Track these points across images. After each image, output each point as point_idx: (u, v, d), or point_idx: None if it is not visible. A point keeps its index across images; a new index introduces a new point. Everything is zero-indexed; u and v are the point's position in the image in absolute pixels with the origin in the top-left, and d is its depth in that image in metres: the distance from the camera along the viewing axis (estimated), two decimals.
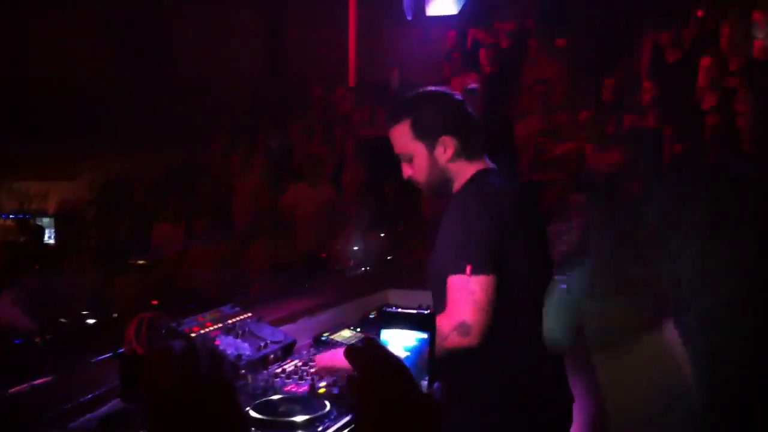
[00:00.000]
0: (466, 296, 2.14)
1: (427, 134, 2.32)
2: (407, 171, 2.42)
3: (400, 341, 1.11)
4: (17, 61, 13.89)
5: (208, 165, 9.08)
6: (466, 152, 2.34)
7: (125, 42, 13.03)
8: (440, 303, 2.24)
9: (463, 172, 2.36)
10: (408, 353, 1.11)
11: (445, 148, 2.32)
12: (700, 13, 7.79)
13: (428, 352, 1.10)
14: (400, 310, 1.15)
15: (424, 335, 1.11)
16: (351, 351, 1.05)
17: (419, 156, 2.35)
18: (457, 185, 2.38)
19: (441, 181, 2.38)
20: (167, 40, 13.40)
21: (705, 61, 6.67)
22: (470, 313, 2.13)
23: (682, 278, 2.13)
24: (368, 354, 1.05)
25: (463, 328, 2.17)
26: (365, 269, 4.75)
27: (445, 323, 2.18)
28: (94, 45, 13.02)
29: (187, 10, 13.16)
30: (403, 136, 2.36)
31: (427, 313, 1.13)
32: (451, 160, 2.33)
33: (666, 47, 7.57)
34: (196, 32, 12.95)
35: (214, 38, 12.77)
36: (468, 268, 2.17)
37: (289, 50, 13.08)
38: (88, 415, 2.12)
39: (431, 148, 2.33)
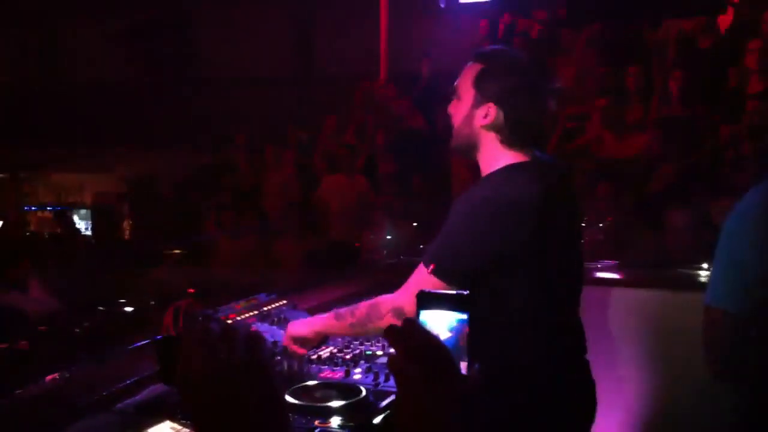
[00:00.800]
0: (416, 288, 2.08)
1: (482, 89, 2.22)
2: (450, 107, 2.33)
3: (439, 322, 1.10)
4: (51, 64, 14.19)
5: (239, 160, 9.14)
6: (504, 134, 2.22)
7: (154, 44, 13.20)
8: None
9: (495, 154, 2.25)
10: (449, 334, 1.10)
11: (486, 114, 2.21)
12: (736, 0, 7.69)
13: (468, 333, 1.10)
14: (438, 291, 1.14)
15: (464, 316, 1.10)
16: (391, 331, 1.05)
17: (464, 102, 2.26)
18: (484, 165, 2.28)
19: (466, 140, 2.29)
20: (195, 41, 13.52)
21: (754, 44, 6.57)
22: (411, 305, 2.13)
23: None
24: (408, 334, 1.05)
25: (397, 313, 2.23)
26: (397, 259, 4.74)
27: (387, 302, 2.28)
28: (124, 47, 13.21)
29: (214, 11, 13.27)
30: (467, 74, 2.27)
31: (465, 294, 1.12)
32: (486, 128, 2.23)
33: (697, 34, 7.48)
34: (224, 31, 13.07)
35: (241, 36, 12.87)
36: (431, 267, 2.16)
37: (318, 44, 13.13)
38: (127, 401, 2.15)
39: (477, 104, 2.23)
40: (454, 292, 1.12)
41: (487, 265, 2.14)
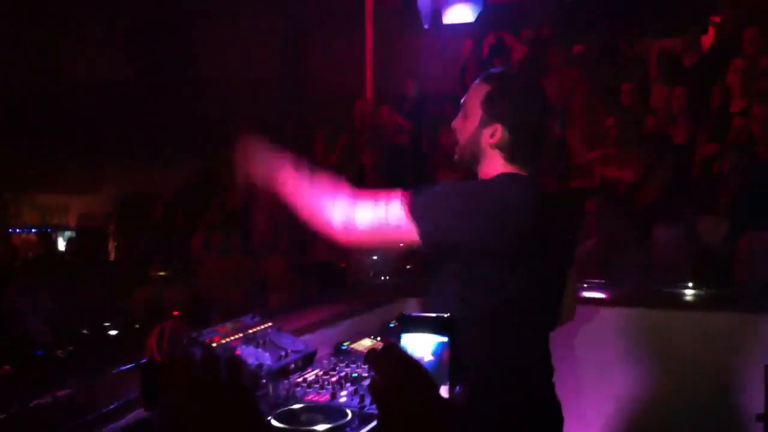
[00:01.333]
0: (381, 213, 2.18)
1: (489, 110, 2.28)
2: (456, 122, 2.39)
3: (420, 345, 1.11)
4: (37, 72, 14.11)
5: (226, 177, 9.12)
6: (509, 153, 2.28)
7: (146, 52, 13.18)
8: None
9: (497, 169, 2.30)
10: (430, 357, 1.11)
11: (493, 134, 2.27)
12: (717, 19, 7.77)
13: (449, 356, 1.10)
14: (419, 314, 1.15)
15: (444, 339, 1.11)
16: (372, 355, 1.05)
17: (471, 121, 2.32)
18: (481, 175, 2.34)
19: (470, 156, 2.35)
20: (187, 51, 13.52)
21: (738, 63, 6.63)
22: (366, 225, 2.18)
23: None
24: (389, 358, 1.05)
25: (349, 226, 2.20)
26: (384, 279, 4.73)
27: (343, 204, 2.22)
28: (115, 54, 13.18)
29: (207, 22, 13.29)
30: (474, 93, 2.32)
31: (446, 317, 1.12)
32: (492, 147, 2.28)
33: (681, 52, 7.55)
34: (216, 45, 13.08)
35: (233, 52, 12.88)
36: (407, 204, 2.17)
37: (308, 63, 13.17)
38: (110, 425, 2.12)
39: (484, 124, 2.28)
40: (433, 315, 1.12)
41: (459, 249, 2.16)
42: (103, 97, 12.81)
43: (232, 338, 2.75)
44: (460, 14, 8.84)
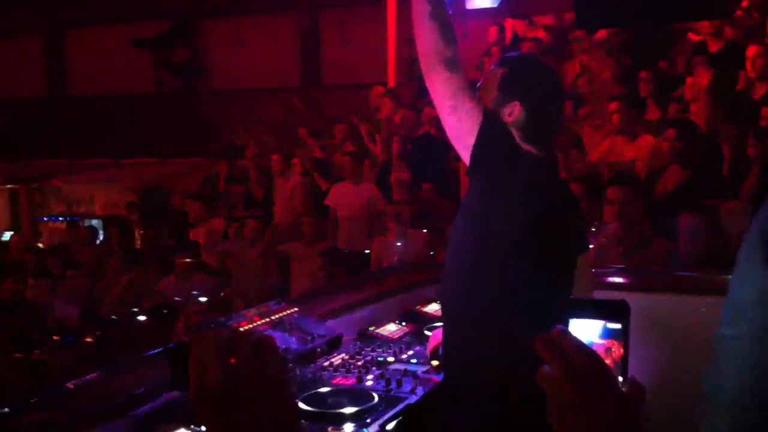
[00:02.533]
0: (465, 95, 2.21)
1: (508, 89, 2.31)
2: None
3: (589, 333, 1.00)
4: (60, 75, 14.33)
5: (247, 168, 9.17)
6: (525, 131, 2.30)
7: (162, 55, 13.31)
8: None
9: None
10: (600, 345, 0.99)
11: (511, 112, 2.29)
12: (744, 3, 7.68)
13: (622, 345, 0.99)
14: (589, 298, 1.05)
15: (617, 326, 1.00)
16: (547, 345, 0.96)
17: (486, 100, 2.34)
18: None
19: None
20: (202, 53, 13.62)
21: (751, 50, 6.56)
22: (447, 82, 2.20)
23: None
24: (566, 349, 0.96)
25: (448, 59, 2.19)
26: (408, 265, 4.76)
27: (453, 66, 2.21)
28: (132, 58, 13.33)
29: (221, 23, 13.38)
30: (491, 76, 2.36)
31: (620, 302, 1.00)
32: (509, 125, 2.30)
33: (707, 37, 7.47)
34: (231, 44, 13.17)
35: (248, 50, 12.97)
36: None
37: (324, 55, 13.19)
38: (142, 407, 2.16)
39: (502, 103, 2.31)
40: (606, 299, 1.02)
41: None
42: (124, 100, 13.02)
43: (258, 323, 2.79)
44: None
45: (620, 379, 0.98)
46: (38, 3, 13.57)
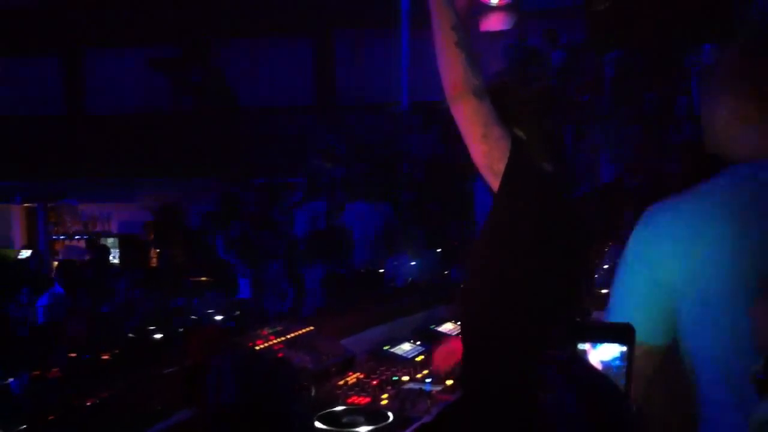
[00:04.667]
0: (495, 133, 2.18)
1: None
2: None
3: (595, 356, 1.01)
4: (78, 94, 14.50)
5: (266, 188, 9.23)
6: (537, 152, 2.31)
7: (179, 75, 13.45)
8: None
9: None
10: (607, 367, 1.00)
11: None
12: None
13: (626, 368, 1.00)
14: (594, 321, 1.08)
15: (623, 349, 1.00)
16: (559, 367, 0.97)
17: None
18: None
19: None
20: (219, 73, 13.74)
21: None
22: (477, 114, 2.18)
23: None
24: (577, 373, 0.97)
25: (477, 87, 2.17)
26: (423, 284, 4.77)
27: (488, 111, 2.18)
28: (149, 78, 13.48)
29: (237, 43, 13.51)
30: None
31: (625, 325, 1.02)
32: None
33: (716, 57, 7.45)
34: (247, 65, 13.29)
35: (264, 70, 13.09)
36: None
37: (338, 77, 13.29)
38: (157, 425, 2.18)
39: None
40: (611, 322, 1.06)
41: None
42: (143, 119, 13.15)
43: (274, 342, 2.81)
44: (496, 22, 8.83)
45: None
46: (57, 23, 13.74)
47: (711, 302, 1.29)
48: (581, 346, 1.01)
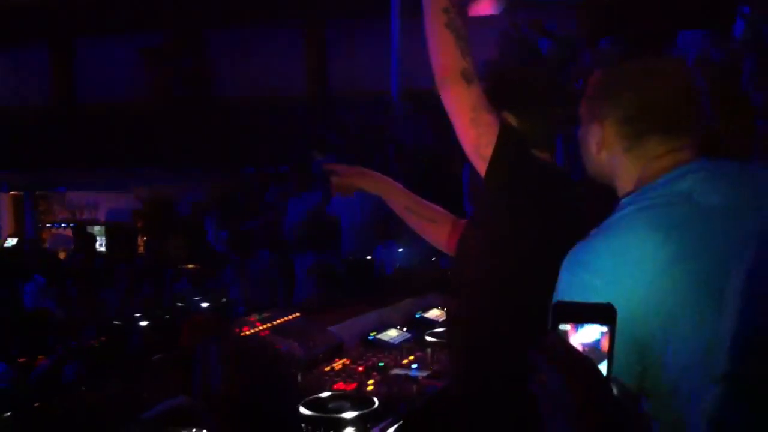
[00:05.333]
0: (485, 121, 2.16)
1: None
2: None
3: (577, 337, 1.00)
4: (69, 85, 14.42)
5: (257, 181, 9.22)
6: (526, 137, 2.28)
7: (169, 65, 13.37)
8: None
9: None
10: (589, 348, 1.00)
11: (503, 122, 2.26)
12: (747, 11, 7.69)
13: (608, 348, 1.00)
14: (576, 302, 1.05)
15: (604, 329, 1.00)
16: (540, 349, 0.96)
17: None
18: None
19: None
20: (211, 64, 13.68)
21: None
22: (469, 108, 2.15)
23: None
24: (558, 353, 0.96)
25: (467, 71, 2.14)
26: (410, 271, 4.78)
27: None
28: (140, 67, 13.41)
29: (228, 33, 13.44)
30: None
31: (606, 305, 1.01)
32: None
33: (710, 47, 7.47)
34: (238, 54, 13.24)
35: (255, 59, 13.03)
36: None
37: (331, 66, 13.25)
38: (147, 411, 2.18)
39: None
40: (594, 303, 1.03)
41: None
42: (133, 111, 13.08)
43: (262, 328, 2.81)
44: (485, 7, 8.82)
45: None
46: (46, 13, 13.64)
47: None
48: (563, 327, 1.01)
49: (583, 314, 1.02)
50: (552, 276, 2.17)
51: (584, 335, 1.01)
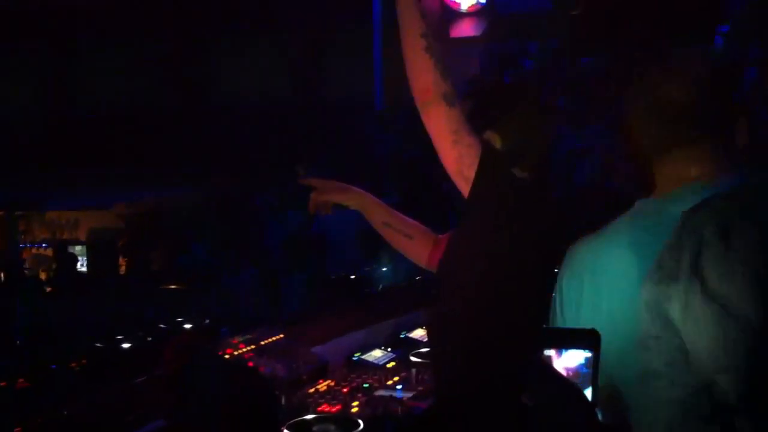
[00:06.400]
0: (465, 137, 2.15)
1: (476, 123, 2.26)
2: None
3: (561, 361, 1.00)
4: (51, 97, 14.27)
5: (246, 193, 9.19)
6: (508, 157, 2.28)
7: (162, 73, 13.28)
8: None
9: None
10: (572, 373, 1.00)
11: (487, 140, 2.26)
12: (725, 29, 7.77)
13: (591, 374, 0.99)
14: (559, 328, 1.08)
15: (588, 354, 1.00)
16: (526, 377, 0.95)
17: None
18: None
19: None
20: (204, 71, 13.61)
21: None
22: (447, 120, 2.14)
23: None
24: (544, 378, 0.96)
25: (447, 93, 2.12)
26: (395, 290, 4.76)
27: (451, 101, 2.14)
28: (134, 75, 13.30)
29: (221, 42, 13.40)
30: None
31: (590, 330, 1.01)
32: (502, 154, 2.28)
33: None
34: (232, 65, 13.19)
35: (247, 71, 12.99)
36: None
37: (320, 78, 13.24)
38: None
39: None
40: (576, 328, 1.04)
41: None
42: (114, 121, 12.93)
43: (245, 350, 2.78)
44: (466, 28, 8.87)
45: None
46: (43, 20, 13.49)
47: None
48: (547, 352, 1.00)
49: (567, 340, 1.01)
50: (533, 293, 2.17)
51: (568, 360, 1.00)
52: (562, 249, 2.35)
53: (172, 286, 6.04)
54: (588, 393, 0.99)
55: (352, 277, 6.21)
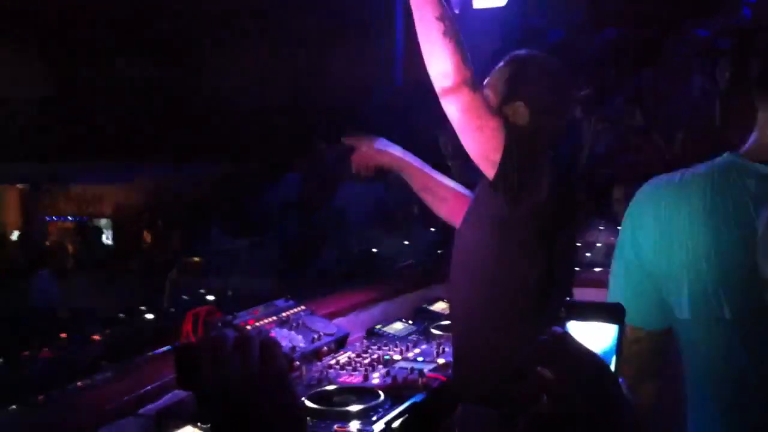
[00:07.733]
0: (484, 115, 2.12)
1: (510, 91, 2.26)
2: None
3: (585, 336, 0.97)
4: (72, 78, 14.34)
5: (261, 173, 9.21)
6: (531, 132, 2.25)
7: (158, 74, 13.30)
8: None
9: None
10: (597, 348, 0.97)
11: (514, 112, 2.24)
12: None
13: (616, 348, 0.98)
14: (586, 301, 1.01)
15: (614, 328, 0.98)
16: (543, 348, 0.92)
17: (492, 99, 2.28)
18: None
19: None
20: (197, 72, 13.59)
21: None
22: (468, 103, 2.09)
23: None
24: (565, 351, 0.92)
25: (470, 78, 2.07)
26: (416, 264, 4.75)
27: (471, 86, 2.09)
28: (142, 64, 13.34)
29: (215, 44, 13.37)
30: (498, 76, 2.32)
31: (616, 305, 1.00)
32: (521, 129, 2.24)
33: (715, 36, 7.42)
34: (226, 64, 13.17)
35: (242, 69, 12.96)
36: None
37: (318, 75, 13.19)
38: (148, 406, 2.16)
39: (506, 102, 2.26)
40: (603, 302, 1.01)
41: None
42: (131, 101, 12.98)
43: (266, 321, 2.79)
44: None
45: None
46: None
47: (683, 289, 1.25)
48: (572, 326, 0.98)
49: (592, 312, 0.99)
50: (554, 271, 2.17)
51: (592, 333, 0.98)
52: (576, 228, 2.36)
53: (195, 259, 6.07)
54: (612, 366, 0.97)
55: (374, 250, 6.21)
